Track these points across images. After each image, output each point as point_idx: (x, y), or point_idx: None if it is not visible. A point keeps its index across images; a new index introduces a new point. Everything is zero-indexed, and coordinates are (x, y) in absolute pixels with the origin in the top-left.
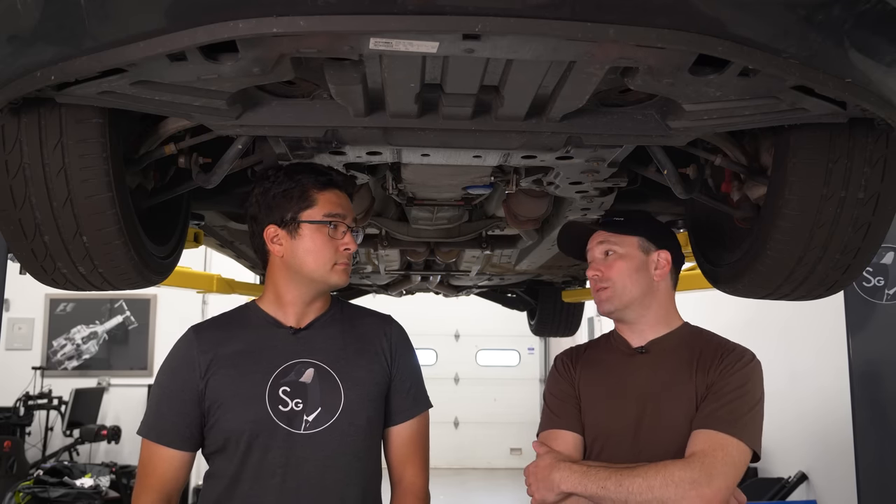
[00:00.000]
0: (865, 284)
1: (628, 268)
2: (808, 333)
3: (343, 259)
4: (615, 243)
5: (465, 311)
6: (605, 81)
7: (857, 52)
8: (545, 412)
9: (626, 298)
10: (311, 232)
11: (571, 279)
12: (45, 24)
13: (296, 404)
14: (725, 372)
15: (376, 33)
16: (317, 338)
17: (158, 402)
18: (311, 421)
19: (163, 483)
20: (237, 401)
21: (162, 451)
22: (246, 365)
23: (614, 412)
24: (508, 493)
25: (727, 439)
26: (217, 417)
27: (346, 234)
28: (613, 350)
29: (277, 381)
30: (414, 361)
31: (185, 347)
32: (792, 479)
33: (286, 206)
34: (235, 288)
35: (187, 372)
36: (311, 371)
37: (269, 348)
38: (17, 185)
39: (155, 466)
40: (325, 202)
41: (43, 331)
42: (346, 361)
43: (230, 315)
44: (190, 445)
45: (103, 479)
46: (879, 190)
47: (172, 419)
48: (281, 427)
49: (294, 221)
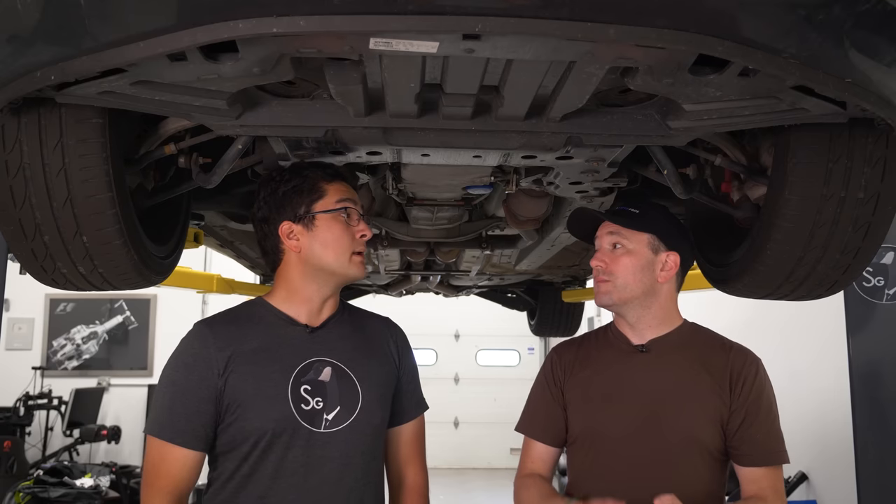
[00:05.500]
0: (865, 284)
1: (633, 265)
2: (808, 333)
3: (360, 248)
4: (625, 237)
5: (465, 311)
6: (605, 81)
7: (857, 52)
8: (526, 406)
9: (626, 295)
10: (326, 222)
11: (571, 279)
12: (45, 24)
13: (316, 402)
14: (746, 389)
15: (376, 33)
16: (331, 337)
17: (172, 400)
18: (331, 420)
19: (175, 484)
20: (260, 399)
21: (175, 451)
22: (266, 363)
23: (612, 416)
24: (508, 493)
25: (779, 472)
26: (236, 416)
27: (360, 220)
28: (611, 346)
29: (298, 380)
30: (415, 363)
31: (199, 343)
32: (792, 479)
33: (298, 200)
34: (235, 288)
35: (204, 369)
36: (329, 370)
37: (287, 346)
38: (17, 185)
39: (168, 467)
40: (335, 191)
41: (43, 331)
42: (361, 361)
43: (239, 311)
44: (204, 445)
45: (103, 479)
46: (879, 190)
47: (188, 417)
48: (303, 426)
49: (308, 214)
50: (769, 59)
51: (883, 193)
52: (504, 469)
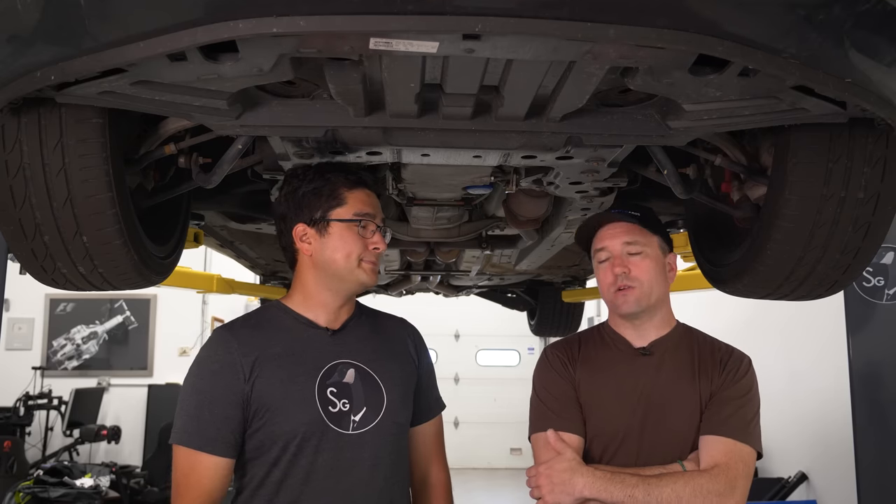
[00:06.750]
0: (865, 284)
1: (654, 269)
2: (808, 333)
3: (371, 257)
4: (643, 242)
5: (465, 311)
6: (605, 81)
7: (857, 52)
8: (541, 410)
9: (652, 300)
10: (340, 230)
11: (571, 279)
12: (45, 24)
13: (343, 405)
14: (730, 378)
15: (376, 33)
16: (351, 339)
17: (199, 408)
18: (359, 421)
19: (208, 494)
20: (288, 403)
21: (206, 460)
22: (291, 367)
23: (619, 414)
24: (508, 494)
25: (743, 448)
26: (265, 421)
27: (375, 233)
28: (612, 348)
29: (324, 383)
30: (431, 362)
31: (223, 350)
32: (792, 479)
33: (316, 204)
34: (235, 288)
35: (230, 375)
36: (353, 372)
37: (310, 349)
38: (17, 185)
39: (199, 476)
40: (356, 201)
41: (43, 331)
42: (382, 362)
43: (259, 314)
44: (234, 452)
45: (103, 479)
46: (879, 190)
47: (216, 425)
48: (331, 428)
49: (323, 220)
50: (769, 59)
51: (883, 193)
52: (504, 469)
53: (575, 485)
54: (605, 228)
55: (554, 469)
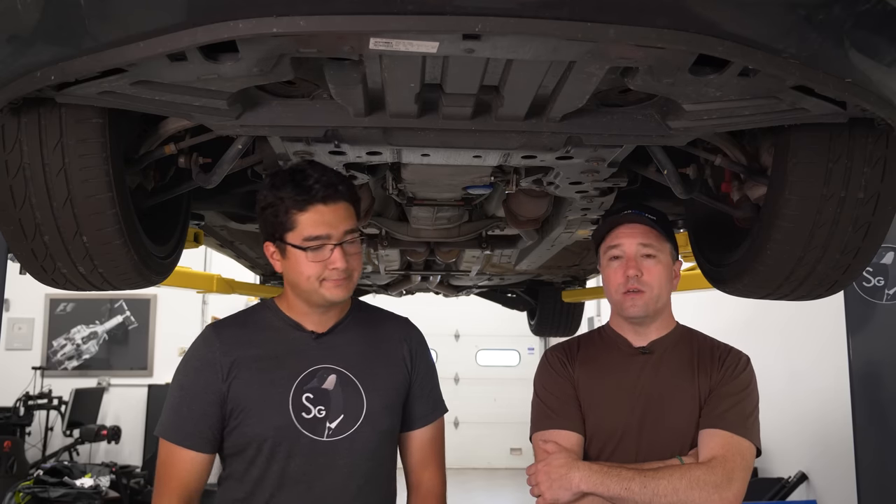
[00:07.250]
0: (865, 284)
1: (665, 275)
2: (808, 333)
3: (334, 276)
4: (657, 247)
5: (465, 311)
6: (605, 81)
7: (857, 52)
8: (541, 409)
9: (659, 305)
10: (295, 254)
11: (571, 279)
12: (45, 24)
13: (318, 411)
14: (728, 373)
15: (376, 33)
16: (338, 343)
17: (180, 403)
18: (334, 428)
19: (185, 485)
20: (263, 406)
21: (183, 454)
22: (269, 370)
23: (617, 413)
24: (508, 494)
25: (740, 441)
26: (239, 421)
27: (333, 251)
28: (612, 348)
29: (300, 388)
30: (432, 366)
31: (205, 348)
32: (792, 479)
33: (273, 224)
34: (235, 288)
35: (210, 373)
36: (334, 377)
37: (292, 353)
38: (17, 185)
39: (177, 469)
40: (306, 224)
41: (43, 331)
42: (368, 368)
43: (249, 314)
44: (211, 448)
45: (103, 479)
46: (879, 190)
47: (194, 421)
48: (304, 434)
49: (282, 241)
50: (769, 59)
51: (883, 193)
52: (504, 469)
53: (572, 479)
54: (622, 227)
55: (551, 465)
